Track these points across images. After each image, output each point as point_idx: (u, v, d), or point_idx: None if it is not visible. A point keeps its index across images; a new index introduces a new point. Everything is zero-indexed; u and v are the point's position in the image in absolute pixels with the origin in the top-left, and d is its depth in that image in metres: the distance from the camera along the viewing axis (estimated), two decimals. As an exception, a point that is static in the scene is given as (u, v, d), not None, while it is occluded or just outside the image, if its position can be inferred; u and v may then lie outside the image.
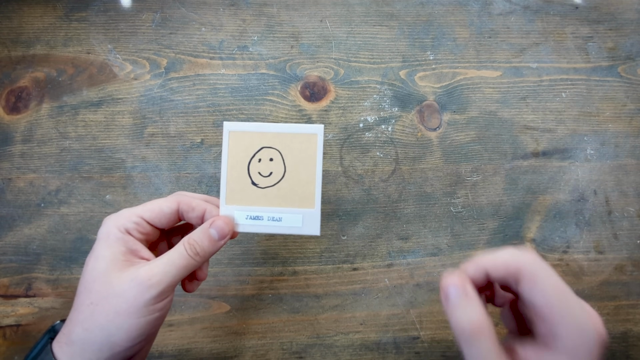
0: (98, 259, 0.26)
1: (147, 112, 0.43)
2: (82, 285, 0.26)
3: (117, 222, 0.27)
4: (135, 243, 0.27)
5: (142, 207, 0.28)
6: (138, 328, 0.25)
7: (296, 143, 0.29)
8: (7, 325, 0.40)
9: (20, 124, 0.42)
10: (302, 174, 0.29)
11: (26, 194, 0.42)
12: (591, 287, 0.43)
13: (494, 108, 0.45)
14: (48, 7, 0.44)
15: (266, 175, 0.29)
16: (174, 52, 0.44)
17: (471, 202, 0.43)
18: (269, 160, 0.29)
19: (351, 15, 0.45)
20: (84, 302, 0.25)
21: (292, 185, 0.29)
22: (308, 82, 0.44)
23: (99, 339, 0.24)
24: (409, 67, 0.45)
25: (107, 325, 0.24)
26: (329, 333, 0.41)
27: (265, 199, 0.29)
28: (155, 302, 0.25)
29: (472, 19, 0.46)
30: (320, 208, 0.29)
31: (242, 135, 0.29)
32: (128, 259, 0.26)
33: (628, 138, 0.45)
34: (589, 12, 0.46)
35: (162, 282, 0.25)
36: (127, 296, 0.25)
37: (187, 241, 0.27)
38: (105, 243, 0.26)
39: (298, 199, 0.29)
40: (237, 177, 0.30)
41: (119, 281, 0.25)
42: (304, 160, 0.29)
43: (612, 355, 0.42)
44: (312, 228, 0.29)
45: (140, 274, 0.25)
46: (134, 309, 0.25)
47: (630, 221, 0.44)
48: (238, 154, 0.30)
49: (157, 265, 0.26)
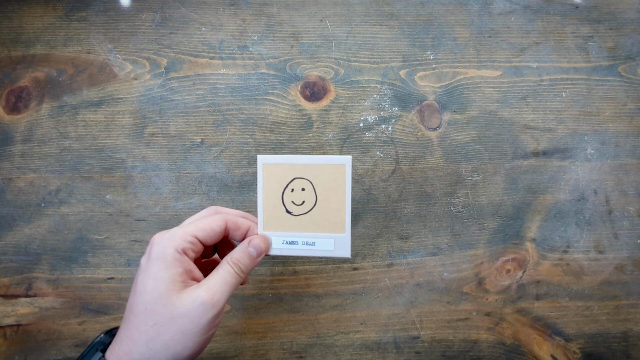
0: (157, 280, 0.27)
1: (147, 112, 0.43)
2: (141, 305, 0.27)
3: (173, 243, 0.28)
4: (190, 263, 0.28)
5: (195, 227, 0.29)
6: (200, 344, 0.27)
7: (326, 173, 0.31)
8: (7, 325, 0.40)
9: (21, 124, 0.42)
10: (332, 202, 0.31)
11: (26, 194, 0.42)
12: (591, 286, 0.43)
13: (494, 108, 0.45)
14: (48, 7, 0.44)
15: (299, 204, 0.31)
16: (174, 52, 0.44)
17: (471, 202, 0.43)
18: (301, 189, 0.31)
19: (351, 14, 0.45)
20: (147, 322, 0.26)
21: (323, 213, 0.31)
22: (308, 82, 0.44)
23: (164, 358, 0.26)
24: (409, 67, 0.45)
25: (174, 345, 0.26)
26: (329, 333, 0.41)
27: (299, 225, 0.31)
28: (215, 319, 0.27)
29: (472, 19, 0.46)
30: (351, 232, 0.31)
31: (275, 168, 0.31)
32: (184, 279, 0.27)
33: (628, 138, 0.45)
34: (589, 12, 0.46)
35: (221, 300, 0.27)
36: (192, 316, 0.26)
37: (232, 260, 0.29)
38: (163, 264, 0.27)
39: (329, 225, 0.31)
40: (272, 206, 0.32)
41: (181, 302, 0.26)
42: (334, 189, 0.31)
43: (612, 355, 0.42)
44: (343, 251, 0.31)
45: (201, 295, 0.27)
46: (199, 328, 0.26)
47: (631, 221, 0.44)
48: (272, 184, 0.32)
49: (214, 284, 0.28)
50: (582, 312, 0.42)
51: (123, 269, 0.41)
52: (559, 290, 0.43)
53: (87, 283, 0.41)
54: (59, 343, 0.40)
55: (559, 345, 0.42)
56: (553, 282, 0.43)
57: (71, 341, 0.40)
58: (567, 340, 0.42)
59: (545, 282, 0.43)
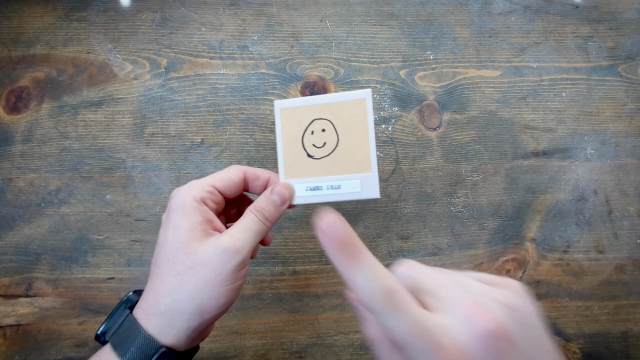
0: (177, 229, 0.26)
1: (147, 111, 0.43)
2: (164, 256, 0.26)
3: (191, 192, 0.27)
4: (209, 213, 0.27)
5: (212, 177, 0.28)
6: (226, 295, 0.25)
7: (346, 110, 0.29)
8: (7, 325, 0.40)
9: (21, 123, 0.42)
10: (355, 140, 0.29)
11: (26, 193, 0.42)
12: (591, 286, 0.43)
13: (494, 108, 0.45)
14: (48, 7, 0.44)
15: (320, 146, 0.30)
16: (174, 52, 0.44)
17: (471, 202, 0.43)
18: (322, 131, 0.30)
19: (351, 15, 0.45)
20: (170, 272, 0.25)
21: (346, 152, 0.29)
22: (308, 82, 0.44)
23: (190, 308, 0.25)
24: (409, 67, 0.45)
25: (198, 294, 0.25)
26: (329, 333, 0.41)
27: (322, 169, 0.30)
28: (240, 268, 0.26)
29: (472, 19, 0.46)
30: (377, 170, 0.30)
31: (292, 111, 0.30)
32: (205, 228, 0.26)
33: (628, 137, 0.45)
34: (589, 12, 0.46)
35: (244, 247, 0.26)
36: (215, 264, 0.25)
37: (255, 208, 0.28)
38: (182, 212, 0.26)
39: (354, 165, 0.29)
40: (292, 152, 0.30)
41: (203, 250, 0.25)
42: (356, 126, 0.29)
43: (612, 355, 0.42)
44: (371, 191, 0.29)
45: (224, 242, 0.26)
46: (223, 276, 0.25)
47: (631, 221, 0.43)
48: (291, 129, 0.30)
49: (236, 231, 0.27)
50: (582, 312, 0.42)
51: (123, 269, 0.41)
52: (559, 290, 0.43)
53: (87, 283, 0.41)
54: (59, 343, 0.40)
55: (558, 345, 0.42)
56: (553, 282, 0.43)
57: (71, 341, 0.40)
58: (567, 340, 0.42)
59: (545, 282, 0.43)
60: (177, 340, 0.25)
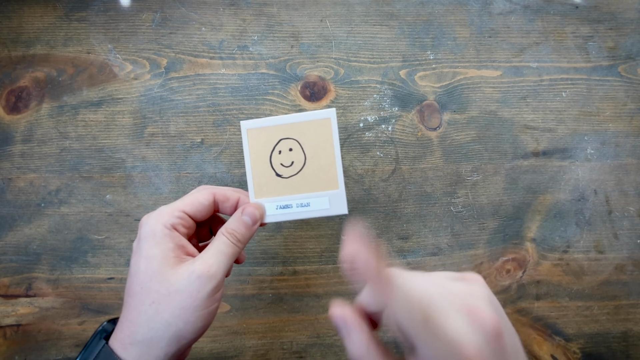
0: (149, 258, 0.26)
1: (147, 112, 0.43)
2: (137, 285, 0.26)
3: (160, 219, 0.27)
4: (181, 239, 0.27)
5: (182, 202, 0.28)
6: (203, 319, 0.26)
7: (312, 130, 0.30)
8: (7, 325, 0.40)
9: (21, 123, 0.42)
10: (322, 159, 0.30)
11: (26, 193, 0.42)
12: (591, 286, 0.43)
13: (494, 108, 0.45)
14: (48, 7, 0.44)
15: (288, 165, 0.31)
16: (174, 51, 0.44)
17: (471, 202, 0.43)
18: (289, 150, 0.31)
19: (351, 14, 0.45)
20: (144, 301, 0.25)
21: (314, 171, 0.30)
22: (308, 82, 0.44)
23: (167, 335, 0.25)
24: (409, 67, 0.45)
25: (174, 321, 0.25)
26: (329, 333, 0.41)
27: (291, 187, 0.31)
28: (215, 292, 0.26)
29: (472, 19, 0.46)
30: (344, 187, 0.30)
31: (259, 132, 0.31)
32: (177, 254, 0.27)
33: (628, 137, 0.45)
34: (589, 12, 0.46)
35: (218, 272, 0.26)
36: (189, 291, 0.25)
37: (227, 230, 0.28)
38: (153, 241, 0.26)
39: (322, 183, 0.30)
40: (261, 171, 0.31)
41: (176, 277, 0.26)
42: (322, 145, 0.30)
43: (612, 355, 0.42)
44: (339, 208, 0.30)
45: (197, 268, 0.26)
46: (199, 301, 0.25)
47: (631, 221, 0.44)
48: (259, 149, 0.31)
49: (209, 256, 0.27)
50: (582, 312, 0.42)
51: (123, 269, 0.41)
52: (559, 290, 0.43)
53: (87, 283, 0.41)
54: (59, 343, 0.40)
55: (559, 345, 0.42)
56: (553, 282, 0.43)
57: (71, 341, 0.40)
58: (567, 340, 0.42)
59: (545, 282, 0.43)
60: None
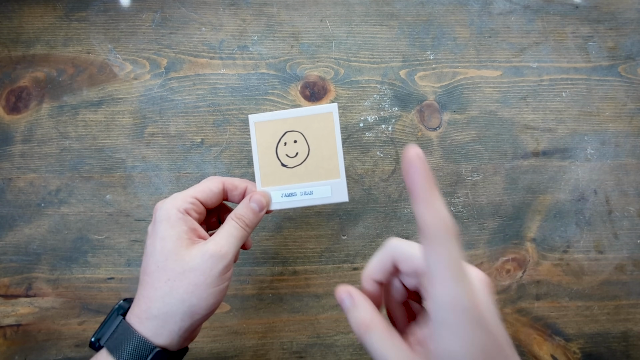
0: (165, 239, 0.28)
1: (147, 112, 0.43)
2: (153, 264, 0.28)
3: (175, 204, 0.29)
4: (194, 223, 0.29)
5: (194, 190, 0.31)
6: (214, 296, 0.28)
7: (315, 123, 0.33)
8: (7, 325, 0.40)
9: (21, 123, 0.42)
10: (324, 150, 0.32)
11: (26, 193, 0.42)
12: (591, 286, 0.43)
13: (494, 108, 0.45)
14: (48, 7, 0.44)
15: (293, 156, 0.33)
16: (174, 52, 0.44)
17: (471, 202, 0.43)
18: (294, 142, 0.33)
19: (351, 15, 0.45)
20: (160, 279, 0.27)
21: (317, 161, 0.33)
22: (308, 82, 0.44)
23: (181, 311, 0.27)
24: (409, 67, 0.45)
25: (188, 297, 0.27)
26: (329, 333, 0.41)
27: (295, 177, 0.33)
28: (226, 270, 0.28)
29: (472, 19, 0.46)
30: (345, 176, 0.32)
31: (266, 125, 0.33)
32: (190, 237, 0.29)
33: (628, 137, 0.45)
34: (589, 12, 0.46)
35: (229, 252, 0.29)
36: (203, 269, 0.27)
37: (235, 216, 0.30)
38: (168, 224, 0.28)
39: (324, 172, 0.33)
40: (267, 162, 0.33)
41: (190, 257, 0.28)
42: (325, 137, 0.32)
43: (612, 355, 0.42)
44: (340, 196, 0.32)
45: (210, 248, 0.28)
46: (211, 279, 0.27)
47: (631, 221, 0.43)
48: (265, 141, 0.33)
49: (221, 238, 0.29)
50: (582, 312, 0.42)
51: (123, 269, 0.41)
52: (559, 290, 0.43)
53: (87, 283, 0.41)
54: (59, 343, 0.40)
55: (559, 345, 0.42)
56: (553, 282, 0.43)
57: (71, 341, 0.40)
58: (567, 340, 0.42)
59: (545, 282, 0.43)
60: (170, 341, 0.27)
